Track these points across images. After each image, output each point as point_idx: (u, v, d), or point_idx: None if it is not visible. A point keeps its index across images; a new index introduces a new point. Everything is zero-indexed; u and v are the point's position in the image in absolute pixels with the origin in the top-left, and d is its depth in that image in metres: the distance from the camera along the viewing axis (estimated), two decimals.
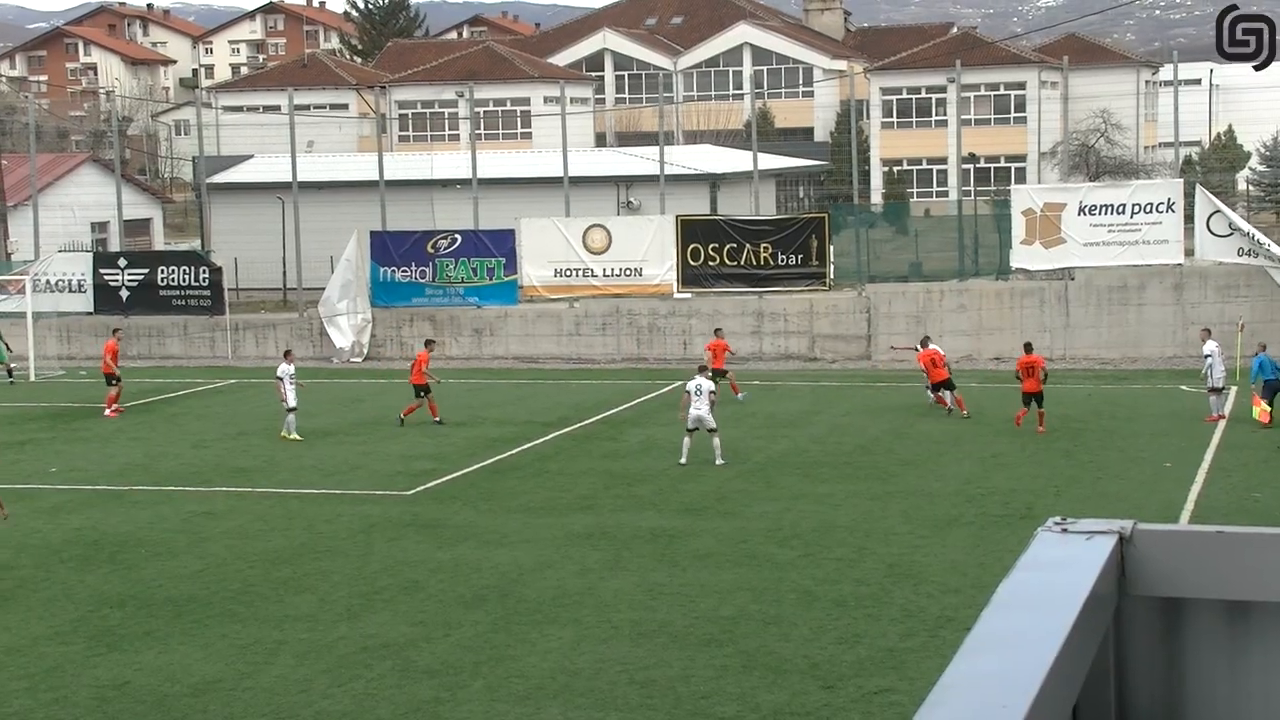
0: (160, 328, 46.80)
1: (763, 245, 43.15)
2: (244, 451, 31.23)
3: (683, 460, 28.09)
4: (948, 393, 33.22)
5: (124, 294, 46.53)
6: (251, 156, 59.70)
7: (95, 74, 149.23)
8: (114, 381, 36.48)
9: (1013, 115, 80.00)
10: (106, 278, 46.57)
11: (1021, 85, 79.82)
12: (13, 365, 42.67)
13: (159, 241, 62.89)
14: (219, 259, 47.85)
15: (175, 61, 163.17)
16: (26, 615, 19.54)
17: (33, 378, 42.75)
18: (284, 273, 51.40)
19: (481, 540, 23.02)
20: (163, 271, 46.43)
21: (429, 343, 36.47)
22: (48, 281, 46.65)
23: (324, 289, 45.82)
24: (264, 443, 32.04)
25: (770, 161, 59.32)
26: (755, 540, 22.55)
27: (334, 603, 19.85)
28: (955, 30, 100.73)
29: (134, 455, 31.00)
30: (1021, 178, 72.49)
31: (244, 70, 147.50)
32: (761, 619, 18.57)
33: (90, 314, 46.91)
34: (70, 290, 46.87)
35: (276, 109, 62.45)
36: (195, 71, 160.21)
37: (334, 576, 21.16)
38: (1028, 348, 32.20)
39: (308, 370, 43.69)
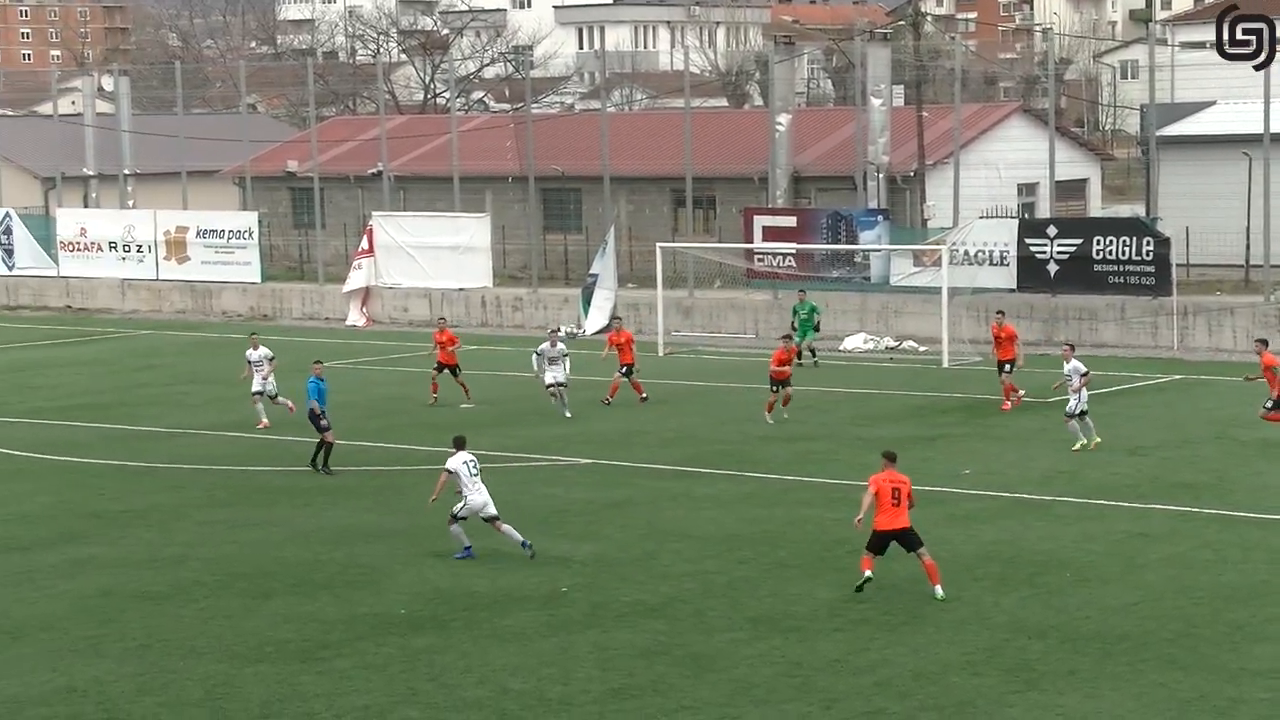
0: (1093, 309, 47.41)
1: None
2: (1189, 463, 31.00)
3: None
4: None
5: (1052, 268, 47.52)
6: (1214, 103, 59.01)
7: (1031, 8, 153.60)
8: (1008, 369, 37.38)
9: None
10: (1033, 249, 47.73)
11: None
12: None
13: (1095, 206, 63.65)
14: (1166, 228, 47.66)
15: None
16: (935, 638, 20.49)
17: (945, 364, 44.66)
18: (1247, 246, 50.46)
19: None
20: (1098, 243, 46.95)
21: None
22: (965, 252, 48.44)
23: None
24: (1215, 453, 31.65)
25: None
26: None
27: None
28: None
29: (1059, 460, 31.59)
30: None
31: None
32: None
33: (1012, 290, 48.19)
34: (991, 263, 48.41)
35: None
36: (1149, 2, 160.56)
37: None
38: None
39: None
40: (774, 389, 36.40)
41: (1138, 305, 46.79)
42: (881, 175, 53.03)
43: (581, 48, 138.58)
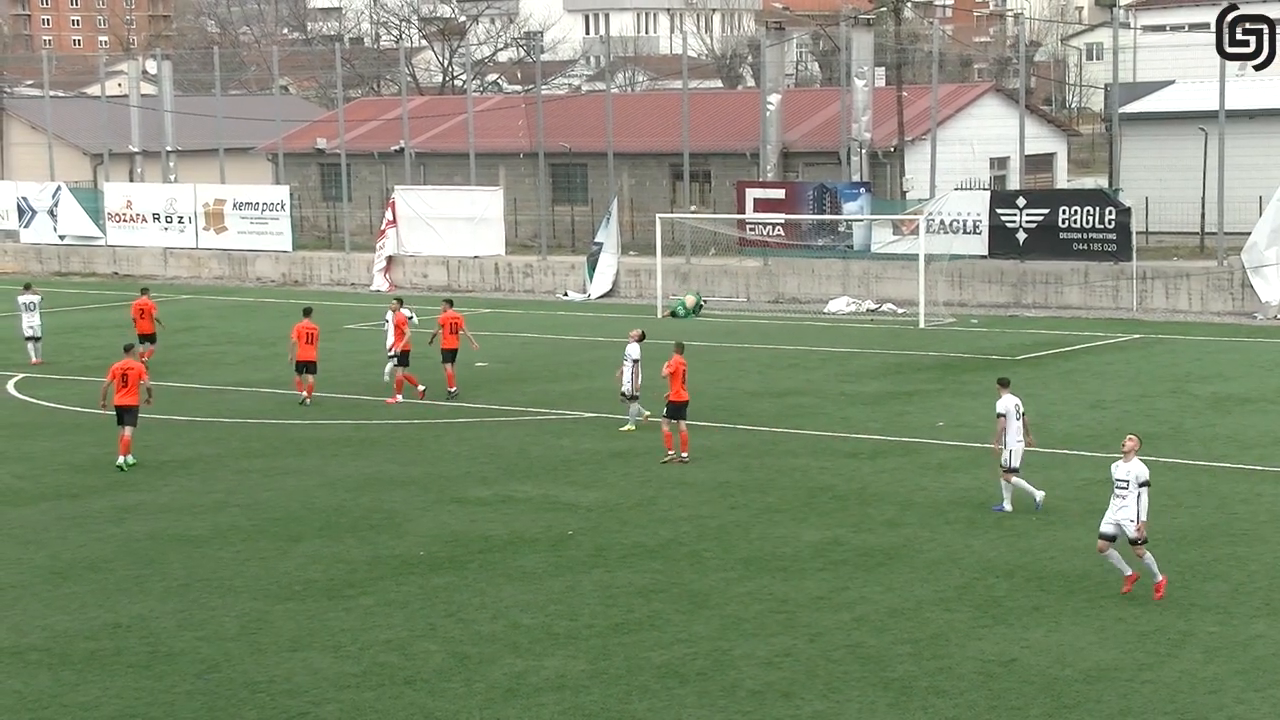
0: (1058, 274, 47.31)
1: None
2: (1146, 415, 30.93)
3: None
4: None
5: (1021, 236, 47.40)
6: (1172, 82, 58.78)
7: None
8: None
9: None
10: (1003, 218, 47.60)
11: None
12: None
13: (1061, 179, 63.45)
14: (1128, 198, 47.53)
15: None
16: (910, 577, 20.48)
17: (921, 325, 44.60)
18: (1202, 215, 50.32)
19: None
20: (1064, 212, 46.80)
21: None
22: (942, 222, 48.30)
23: (1249, 234, 44.40)
24: (1171, 406, 31.61)
25: None
26: None
27: (1250, 594, 19.31)
28: None
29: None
30: None
31: None
32: None
33: (984, 257, 48.15)
34: (965, 231, 48.24)
35: (1205, 27, 60.99)
36: None
37: (1251, 565, 20.57)
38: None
39: (1224, 327, 42.64)
40: None
41: (1100, 270, 46.70)
42: (864, 151, 52.87)
43: (588, 33, 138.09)
